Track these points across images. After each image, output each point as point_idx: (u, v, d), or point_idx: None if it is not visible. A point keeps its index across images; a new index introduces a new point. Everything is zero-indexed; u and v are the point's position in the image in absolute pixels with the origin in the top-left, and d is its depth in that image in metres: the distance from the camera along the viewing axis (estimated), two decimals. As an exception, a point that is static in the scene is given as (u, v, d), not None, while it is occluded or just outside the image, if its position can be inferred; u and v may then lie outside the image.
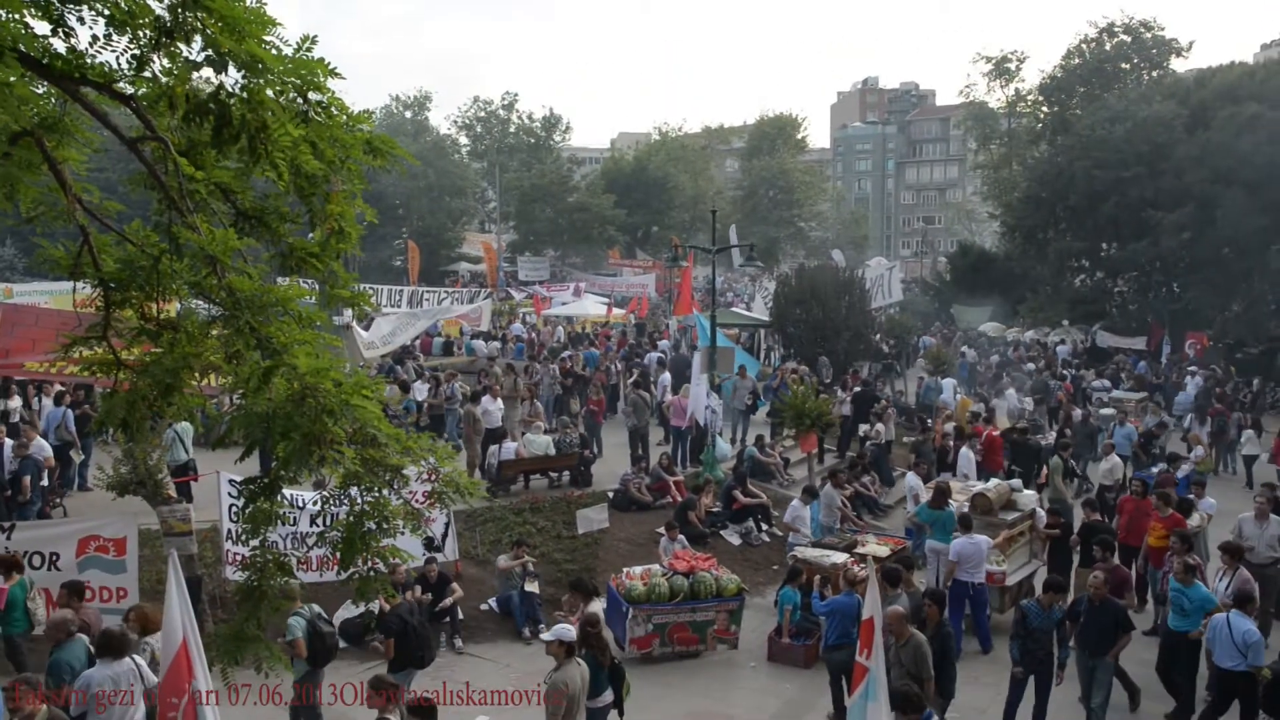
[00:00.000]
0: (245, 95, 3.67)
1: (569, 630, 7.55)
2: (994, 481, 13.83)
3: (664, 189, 60.63)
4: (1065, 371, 28.30)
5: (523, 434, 16.98)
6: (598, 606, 8.97)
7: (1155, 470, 17.16)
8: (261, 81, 3.68)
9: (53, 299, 20.90)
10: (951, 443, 17.79)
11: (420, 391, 20.86)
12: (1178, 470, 15.60)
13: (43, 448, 13.26)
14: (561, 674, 7.21)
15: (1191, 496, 13.07)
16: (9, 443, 12.95)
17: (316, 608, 8.86)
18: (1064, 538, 12.68)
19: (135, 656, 7.26)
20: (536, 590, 12.11)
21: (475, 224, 68.65)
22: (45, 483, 13.09)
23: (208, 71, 3.65)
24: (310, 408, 4.03)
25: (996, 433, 18.15)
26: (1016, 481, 13.34)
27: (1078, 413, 20.69)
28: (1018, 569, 12.49)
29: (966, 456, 16.27)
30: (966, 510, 12.27)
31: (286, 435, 3.99)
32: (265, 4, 3.68)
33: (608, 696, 7.99)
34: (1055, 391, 24.42)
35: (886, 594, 9.74)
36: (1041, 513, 13.21)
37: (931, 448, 17.80)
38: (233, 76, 3.67)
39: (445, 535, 12.18)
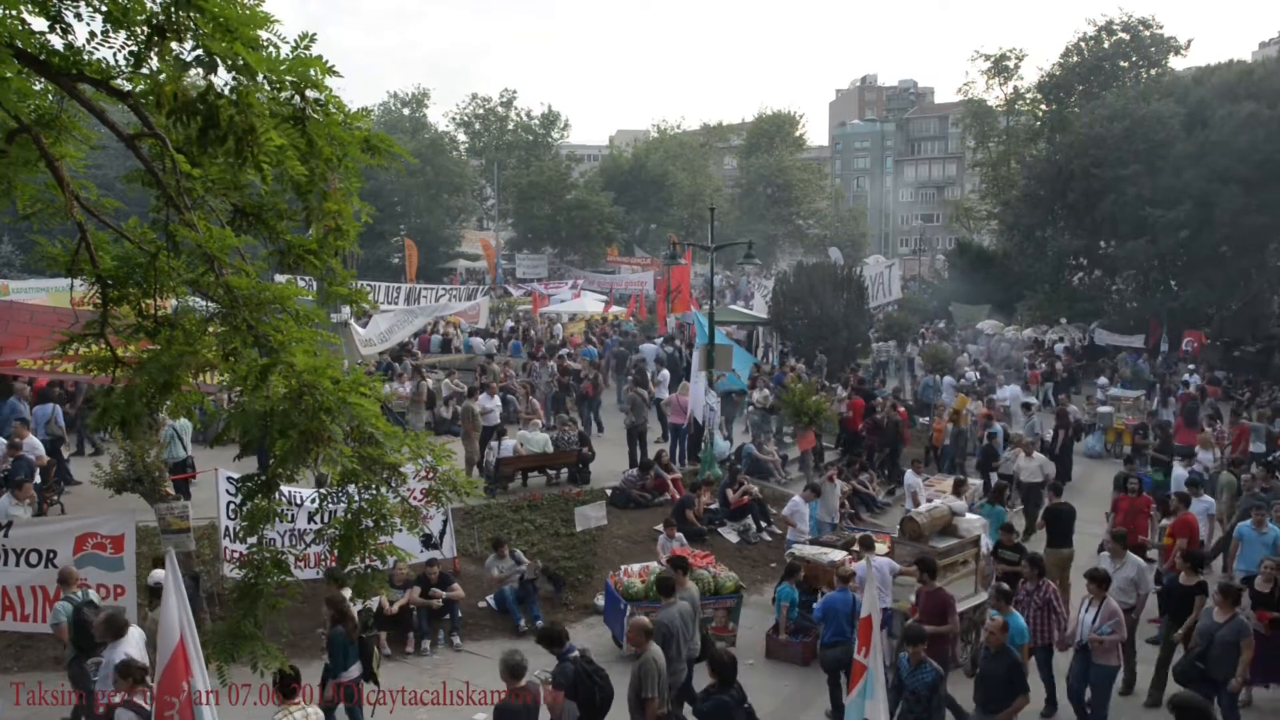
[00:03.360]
0: (234, 97, 3.66)
1: (159, 574, 8.53)
2: (933, 503, 12.22)
3: (662, 186, 60.60)
4: (1032, 359, 28.69)
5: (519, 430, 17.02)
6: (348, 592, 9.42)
7: (1152, 469, 17.24)
8: (251, 84, 3.66)
9: (49, 295, 20.87)
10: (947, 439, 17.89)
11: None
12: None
13: (35, 446, 13.23)
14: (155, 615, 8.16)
15: (1186, 492, 13.06)
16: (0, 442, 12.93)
17: (92, 593, 8.98)
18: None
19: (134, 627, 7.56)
20: (534, 576, 12.15)
21: (473, 221, 68.60)
22: (38, 481, 13.05)
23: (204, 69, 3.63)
24: (308, 405, 4.02)
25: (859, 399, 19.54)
26: (959, 504, 11.95)
27: (1073, 409, 20.73)
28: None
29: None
30: (867, 532, 11.77)
31: (284, 433, 3.99)
32: (263, 1, 3.67)
33: (355, 670, 8.32)
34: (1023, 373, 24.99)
35: (662, 601, 9.08)
36: (988, 542, 11.76)
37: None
38: (223, 77, 3.66)
39: (443, 533, 12.18)
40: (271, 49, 3.67)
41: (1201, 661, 8.77)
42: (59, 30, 3.62)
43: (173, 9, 3.47)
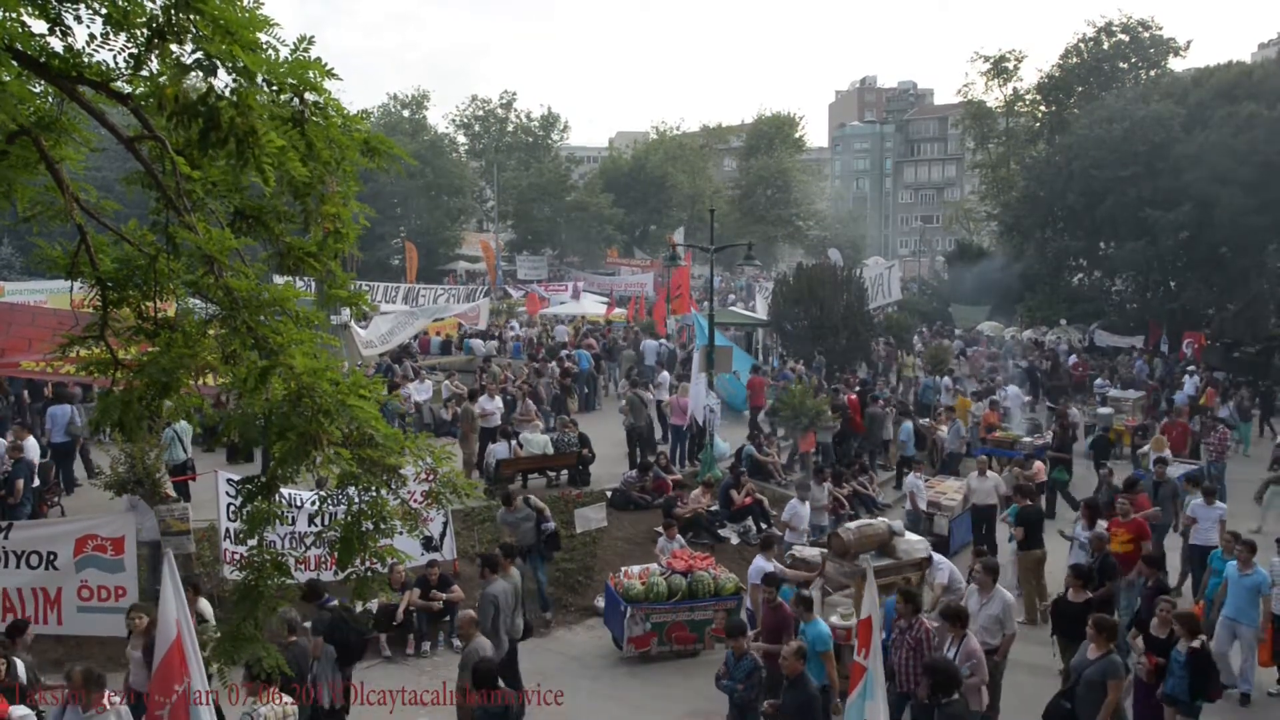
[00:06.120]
0: (235, 99, 3.66)
1: None
2: (870, 520, 11.53)
3: (662, 188, 60.58)
4: (1034, 361, 28.87)
5: (519, 433, 17.00)
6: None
7: (1053, 468, 17.25)
8: (250, 86, 3.66)
9: (49, 297, 20.92)
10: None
11: (420, 392, 20.87)
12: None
13: (34, 449, 13.23)
14: None
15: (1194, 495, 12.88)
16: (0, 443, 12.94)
17: None
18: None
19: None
20: (553, 525, 12.12)
21: (473, 223, 68.56)
22: (36, 484, 13.06)
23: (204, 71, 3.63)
24: (307, 407, 4.02)
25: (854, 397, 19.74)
26: (898, 524, 11.16)
27: (1073, 412, 20.73)
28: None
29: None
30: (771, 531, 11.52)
31: (283, 435, 3.99)
32: (262, 3, 3.67)
33: None
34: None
35: (487, 578, 9.34)
36: (954, 571, 10.92)
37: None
38: (223, 80, 3.66)
39: (443, 535, 12.19)
40: (271, 52, 3.68)
41: (1068, 701, 8.03)
42: (59, 33, 3.62)
43: (172, 11, 3.47)
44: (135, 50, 3.57)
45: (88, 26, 3.60)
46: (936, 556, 10.99)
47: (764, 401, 20.34)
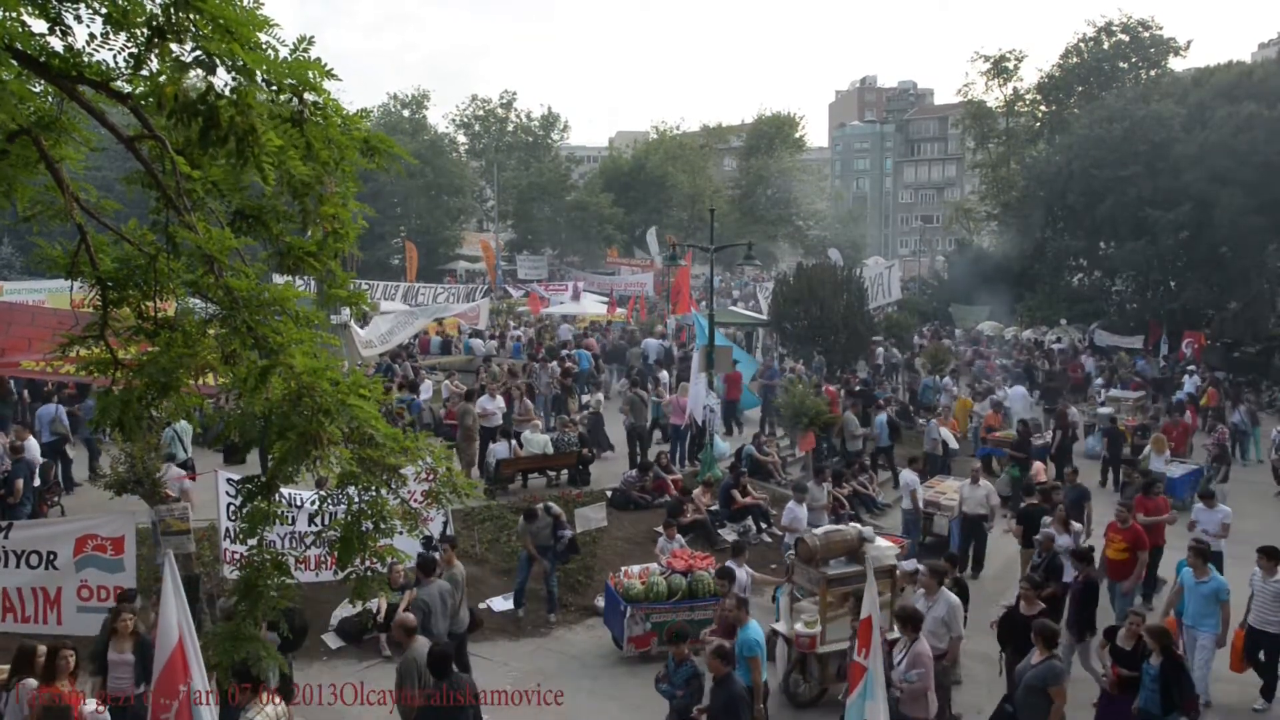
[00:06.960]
0: (234, 97, 3.66)
1: None
2: (839, 526, 11.21)
3: (662, 187, 60.55)
4: (1031, 360, 28.89)
5: (519, 433, 17.00)
6: None
7: (1010, 466, 17.21)
8: (250, 85, 3.66)
9: (49, 296, 20.92)
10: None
11: (426, 391, 20.89)
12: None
13: (34, 449, 13.23)
14: None
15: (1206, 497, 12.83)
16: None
17: None
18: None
19: None
20: (569, 533, 12.30)
21: (473, 223, 68.59)
22: (36, 483, 13.06)
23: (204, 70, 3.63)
24: (307, 407, 4.02)
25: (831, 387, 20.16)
26: (868, 530, 10.85)
27: (1073, 411, 20.72)
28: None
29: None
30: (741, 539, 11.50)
31: (283, 435, 3.99)
32: (262, 4, 3.67)
33: None
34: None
35: (420, 581, 9.48)
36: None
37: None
38: (223, 78, 3.66)
39: (444, 535, 12.17)
40: (270, 52, 3.68)
41: (1010, 705, 7.93)
42: (59, 32, 3.62)
43: (172, 10, 3.47)
44: (135, 49, 3.57)
45: (88, 26, 3.60)
46: (923, 568, 10.93)
47: (738, 396, 20.45)
